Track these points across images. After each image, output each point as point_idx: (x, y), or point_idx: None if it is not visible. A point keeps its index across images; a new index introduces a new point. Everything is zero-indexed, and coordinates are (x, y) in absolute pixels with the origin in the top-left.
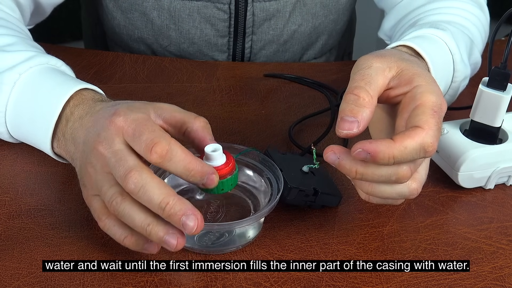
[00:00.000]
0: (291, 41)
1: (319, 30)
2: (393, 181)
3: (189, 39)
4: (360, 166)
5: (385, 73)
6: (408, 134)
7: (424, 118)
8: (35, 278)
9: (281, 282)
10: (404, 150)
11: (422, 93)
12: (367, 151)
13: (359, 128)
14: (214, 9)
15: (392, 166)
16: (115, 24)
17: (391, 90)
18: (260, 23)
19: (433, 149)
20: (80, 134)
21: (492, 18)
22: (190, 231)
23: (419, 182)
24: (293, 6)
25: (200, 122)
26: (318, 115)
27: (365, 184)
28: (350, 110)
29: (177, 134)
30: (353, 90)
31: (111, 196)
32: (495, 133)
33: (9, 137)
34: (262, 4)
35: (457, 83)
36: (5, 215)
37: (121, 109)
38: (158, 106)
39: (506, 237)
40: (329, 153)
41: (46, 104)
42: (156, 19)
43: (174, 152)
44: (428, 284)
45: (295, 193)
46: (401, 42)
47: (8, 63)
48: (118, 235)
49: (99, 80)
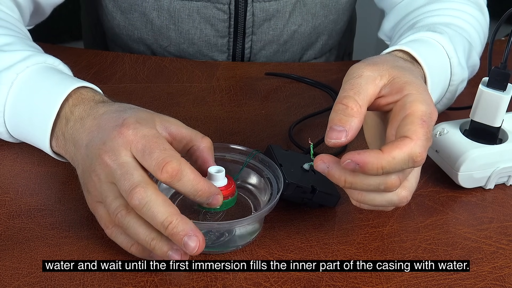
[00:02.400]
0: (291, 41)
1: (319, 30)
2: (382, 190)
3: (189, 39)
4: (349, 176)
5: (376, 81)
6: (397, 144)
7: (412, 128)
8: (35, 278)
9: (281, 282)
10: (393, 161)
11: (411, 102)
12: (356, 162)
13: (347, 138)
14: (214, 9)
15: (381, 176)
16: (115, 24)
17: (382, 98)
18: (260, 23)
19: (422, 159)
20: (82, 136)
21: (492, 18)
22: (191, 252)
23: (408, 190)
24: (293, 6)
25: (207, 143)
26: (318, 115)
27: (355, 192)
28: (338, 120)
29: (181, 149)
30: (342, 99)
31: (115, 209)
32: (495, 133)
33: (8, 137)
34: (262, 4)
35: (454, 86)
36: (5, 215)
37: (130, 121)
38: (165, 119)
39: (506, 237)
40: (319, 162)
41: (44, 103)
42: (155, 19)
43: (184, 172)
44: (428, 284)
45: (292, 188)
46: (397, 47)
47: (6, 63)
48: (125, 243)
49: (99, 80)
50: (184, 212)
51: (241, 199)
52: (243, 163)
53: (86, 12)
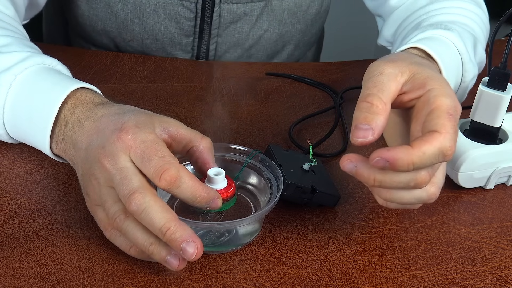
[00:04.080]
0: (256, 46)
1: (286, 39)
2: (411, 187)
3: (152, 35)
4: (378, 174)
5: (397, 78)
6: (426, 139)
7: (440, 122)
8: (35, 278)
9: (281, 282)
10: (423, 156)
11: (436, 97)
12: (385, 159)
13: (373, 136)
14: (180, 7)
15: (411, 172)
16: (79, 13)
17: (404, 95)
18: (226, 25)
19: (452, 152)
20: (81, 139)
21: (492, 18)
22: (189, 258)
23: (437, 186)
24: (261, 10)
25: (207, 143)
26: (319, 115)
27: (383, 191)
28: (364, 118)
29: (181, 150)
30: (366, 97)
31: (114, 213)
32: (495, 133)
33: (8, 138)
34: (229, 6)
35: (466, 83)
36: (5, 215)
37: (129, 125)
38: (164, 120)
39: (506, 237)
40: (346, 161)
41: (43, 105)
42: (120, 12)
43: (182, 179)
44: (428, 284)
45: (292, 189)
46: (411, 45)
47: (3, 64)
48: (124, 246)
49: (99, 80)
50: (185, 212)
51: (241, 199)
52: (243, 163)
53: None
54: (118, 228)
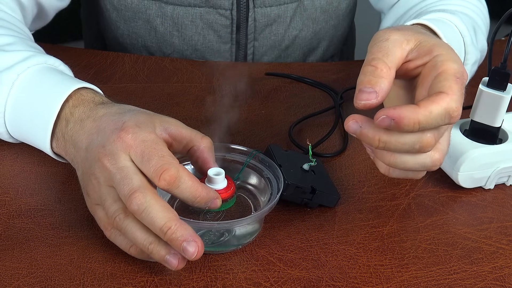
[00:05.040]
0: (293, 46)
1: (320, 36)
2: (416, 150)
3: (192, 45)
4: (383, 134)
5: (403, 45)
6: (433, 99)
7: (447, 84)
8: (35, 278)
9: (281, 282)
10: (429, 115)
11: (443, 61)
12: (391, 117)
13: (377, 99)
14: (216, 15)
15: (416, 134)
16: (119, 34)
17: (410, 62)
18: (261, 29)
19: (458, 114)
20: (82, 138)
21: (492, 18)
22: (190, 257)
23: (441, 153)
24: (294, 11)
25: (207, 143)
26: (319, 115)
27: (386, 155)
28: (368, 81)
29: (181, 150)
30: (371, 61)
31: (114, 212)
32: (495, 133)
33: (9, 137)
34: (263, 9)
35: (469, 66)
36: (5, 215)
37: (129, 125)
38: (164, 120)
39: (506, 237)
40: (351, 122)
41: (45, 104)
42: (159, 26)
43: (182, 180)
44: (428, 284)
45: (292, 189)
46: (415, 21)
47: (6, 63)
48: (124, 245)
49: (99, 80)
50: (185, 211)
51: (241, 199)
52: (243, 163)
53: (87, 12)
54: (117, 227)
